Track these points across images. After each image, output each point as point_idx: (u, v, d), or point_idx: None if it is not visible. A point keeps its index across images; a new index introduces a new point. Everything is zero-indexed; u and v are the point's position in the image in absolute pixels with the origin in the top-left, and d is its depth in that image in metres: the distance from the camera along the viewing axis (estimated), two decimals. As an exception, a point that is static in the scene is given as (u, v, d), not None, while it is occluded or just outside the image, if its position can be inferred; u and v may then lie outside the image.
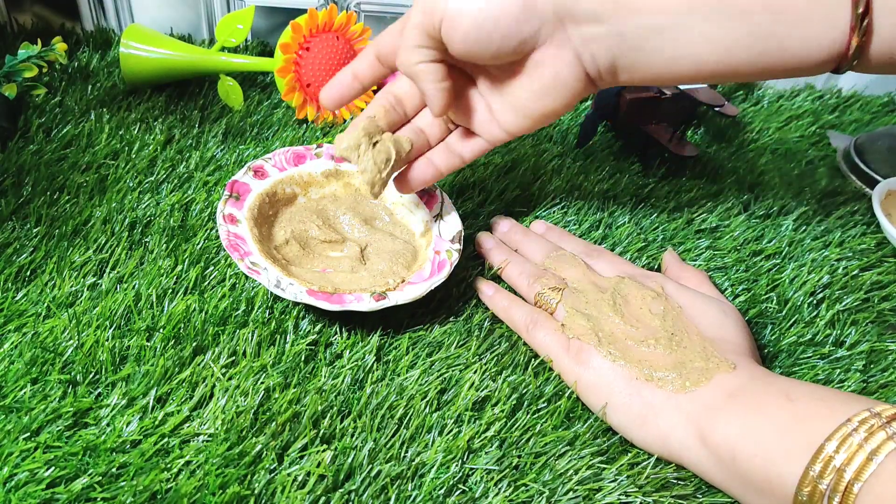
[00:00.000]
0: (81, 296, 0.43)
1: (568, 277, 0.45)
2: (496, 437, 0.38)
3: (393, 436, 0.37)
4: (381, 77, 0.44)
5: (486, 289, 0.46)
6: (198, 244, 0.47)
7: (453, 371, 0.41)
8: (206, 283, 0.45)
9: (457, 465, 0.36)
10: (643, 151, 0.64)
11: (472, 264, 0.49)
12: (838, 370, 0.44)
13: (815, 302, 0.50)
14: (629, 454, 0.38)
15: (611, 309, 0.42)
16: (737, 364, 0.38)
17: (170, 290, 0.43)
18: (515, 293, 0.47)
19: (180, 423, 0.36)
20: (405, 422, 0.38)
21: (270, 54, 0.73)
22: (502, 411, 0.39)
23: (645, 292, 0.43)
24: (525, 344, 0.43)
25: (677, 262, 0.49)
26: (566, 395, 0.40)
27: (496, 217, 0.52)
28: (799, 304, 0.49)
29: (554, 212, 0.56)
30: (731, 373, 0.37)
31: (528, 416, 0.39)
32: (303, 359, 0.41)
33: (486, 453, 0.37)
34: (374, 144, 0.43)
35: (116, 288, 0.44)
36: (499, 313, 0.45)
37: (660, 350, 0.39)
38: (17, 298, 0.42)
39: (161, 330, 0.41)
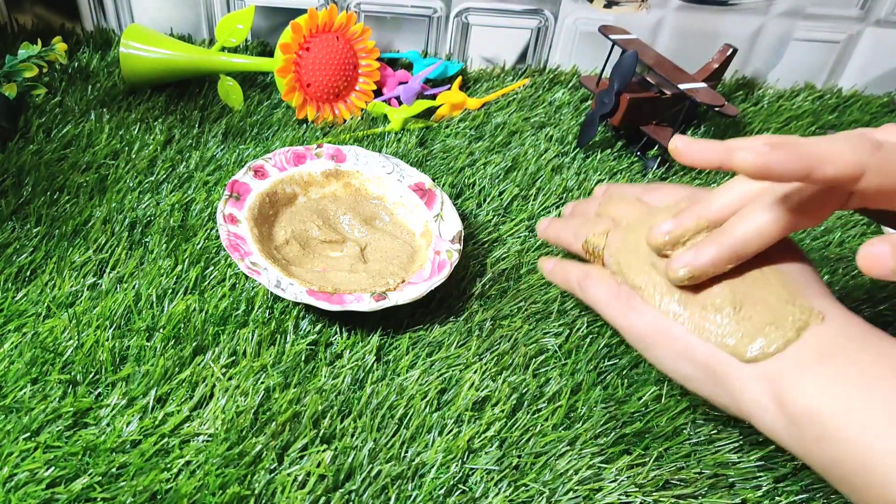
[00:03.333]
0: (81, 296, 0.43)
1: (617, 216, 0.39)
2: (496, 437, 0.38)
3: (393, 436, 0.37)
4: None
5: (547, 264, 0.41)
6: (198, 244, 0.47)
7: (453, 371, 0.41)
8: (206, 283, 0.45)
9: (457, 465, 0.36)
10: (643, 151, 0.64)
11: (472, 264, 0.49)
12: (838, 370, 0.44)
13: (815, 302, 0.50)
14: (630, 455, 0.38)
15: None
16: (825, 314, 0.30)
17: (170, 290, 0.43)
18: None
19: (180, 423, 0.36)
20: (405, 422, 0.38)
21: (270, 54, 0.73)
22: (502, 411, 0.39)
23: None
24: (525, 344, 0.43)
25: None
26: (566, 394, 0.40)
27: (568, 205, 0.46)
28: (799, 304, 0.49)
29: (554, 211, 0.56)
30: (820, 325, 0.30)
31: (528, 416, 0.39)
32: (303, 359, 0.41)
33: (486, 453, 0.37)
34: None
35: (116, 288, 0.44)
36: (560, 284, 0.40)
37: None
38: (17, 298, 0.42)
39: (161, 330, 0.41)
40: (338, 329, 0.43)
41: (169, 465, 0.34)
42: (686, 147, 0.33)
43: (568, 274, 0.39)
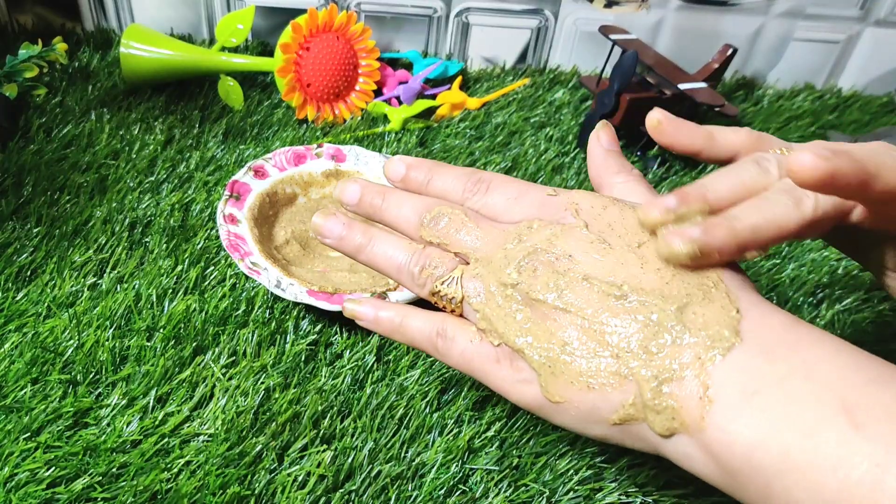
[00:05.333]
0: (82, 296, 0.43)
1: (461, 249, 0.30)
2: (496, 437, 0.38)
3: (393, 436, 0.37)
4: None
5: (365, 310, 0.32)
6: (198, 244, 0.47)
7: (453, 371, 0.41)
8: (207, 283, 0.45)
9: (457, 466, 0.36)
10: (643, 151, 0.64)
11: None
12: (838, 370, 0.44)
13: (815, 302, 0.50)
14: (630, 454, 0.38)
15: (540, 283, 0.27)
16: (742, 314, 0.25)
17: (170, 290, 0.43)
18: None
19: (180, 423, 0.36)
20: (405, 422, 0.38)
21: (270, 54, 0.73)
22: (503, 411, 0.39)
23: (577, 237, 0.28)
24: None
25: (604, 152, 0.33)
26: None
27: (339, 184, 0.34)
28: (799, 304, 0.49)
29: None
30: (736, 347, 0.24)
31: (529, 416, 0.39)
32: (303, 359, 0.41)
33: (486, 453, 0.37)
34: None
35: (117, 288, 0.44)
36: (393, 336, 0.32)
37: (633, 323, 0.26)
38: (17, 298, 0.42)
39: (161, 330, 0.41)
40: (338, 329, 0.43)
41: (169, 465, 0.34)
42: (669, 124, 0.30)
43: (410, 331, 0.31)
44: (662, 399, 0.25)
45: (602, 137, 0.33)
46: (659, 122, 0.31)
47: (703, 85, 0.61)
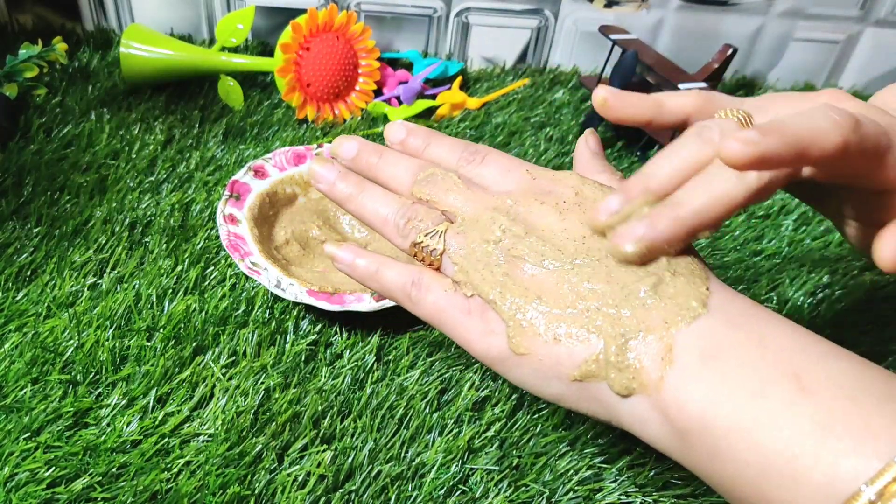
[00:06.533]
0: (82, 296, 0.43)
1: (449, 208, 0.31)
2: (496, 437, 0.38)
3: (393, 436, 0.37)
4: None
5: (343, 254, 0.33)
6: (198, 244, 0.47)
7: (453, 371, 0.41)
8: (207, 283, 0.45)
9: (457, 466, 0.36)
10: (643, 151, 0.64)
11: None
12: (838, 370, 0.44)
13: (815, 302, 0.50)
14: (630, 455, 0.38)
15: (522, 244, 0.29)
16: (711, 291, 0.26)
17: (170, 290, 0.43)
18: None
19: (180, 423, 0.36)
20: (405, 422, 0.38)
21: (270, 54, 0.73)
22: (503, 411, 0.39)
23: (562, 208, 0.30)
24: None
25: (590, 153, 0.34)
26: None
27: (338, 139, 0.35)
28: (799, 304, 0.49)
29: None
30: (702, 316, 0.25)
31: (529, 416, 0.39)
32: (303, 359, 0.41)
33: (486, 453, 0.37)
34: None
35: (117, 288, 0.44)
36: (368, 283, 0.32)
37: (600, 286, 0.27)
38: (17, 298, 0.42)
39: (161, 330, 0.41)
40: (338, 329, 0.43)
41: (169, 465, 0.34)
42: (615, 99, 0.31)
43: (385, 278, 0.32)
44: (625, 357, 0.25)
45: (590, 141, 0.35)
46: (605, 100, 0.31)
47: (703, 85, 0.61)
